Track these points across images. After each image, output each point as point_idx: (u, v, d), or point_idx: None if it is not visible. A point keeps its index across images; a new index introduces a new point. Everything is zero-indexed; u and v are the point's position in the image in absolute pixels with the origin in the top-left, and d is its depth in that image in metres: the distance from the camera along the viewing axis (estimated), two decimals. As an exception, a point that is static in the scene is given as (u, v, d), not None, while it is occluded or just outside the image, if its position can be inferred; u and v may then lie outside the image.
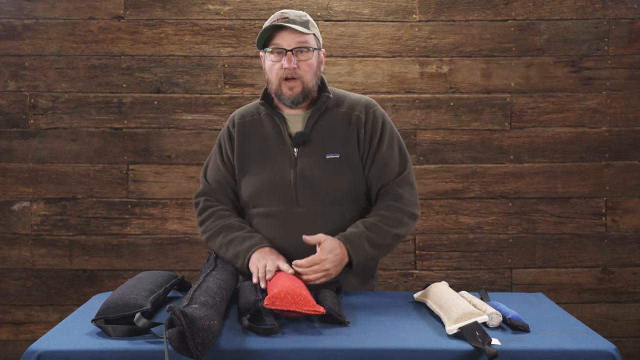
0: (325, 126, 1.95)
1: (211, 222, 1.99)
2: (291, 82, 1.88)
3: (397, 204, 1.92)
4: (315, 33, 1.92)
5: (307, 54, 1.89)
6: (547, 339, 1.43)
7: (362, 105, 1.98)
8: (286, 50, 1.87)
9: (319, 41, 1.95)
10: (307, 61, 1.89)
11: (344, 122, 1.95)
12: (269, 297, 1.52)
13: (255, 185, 1.96)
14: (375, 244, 1.87)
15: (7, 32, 3.01)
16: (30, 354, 1.36)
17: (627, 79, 3.04)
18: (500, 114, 3.04)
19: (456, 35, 3.03)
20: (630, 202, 3.05)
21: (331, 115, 1.96)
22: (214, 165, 2.06)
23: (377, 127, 1.96)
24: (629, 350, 3.04)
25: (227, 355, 1.37)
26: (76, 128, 3.02)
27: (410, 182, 1.97)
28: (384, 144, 1.95)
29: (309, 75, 1.90)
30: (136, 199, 3.03)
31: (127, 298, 1.52)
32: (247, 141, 1.99)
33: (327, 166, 1.91)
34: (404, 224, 1.92)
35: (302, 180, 1.91)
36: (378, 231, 1.87)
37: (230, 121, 2.06)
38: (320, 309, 1.51)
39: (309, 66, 1.90)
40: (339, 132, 1.94)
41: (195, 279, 2.93)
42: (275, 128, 1.97)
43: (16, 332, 3.04)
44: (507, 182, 3.04)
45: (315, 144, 1.93)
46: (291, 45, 1.87)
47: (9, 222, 3.02)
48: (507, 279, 3.05)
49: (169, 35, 3.02)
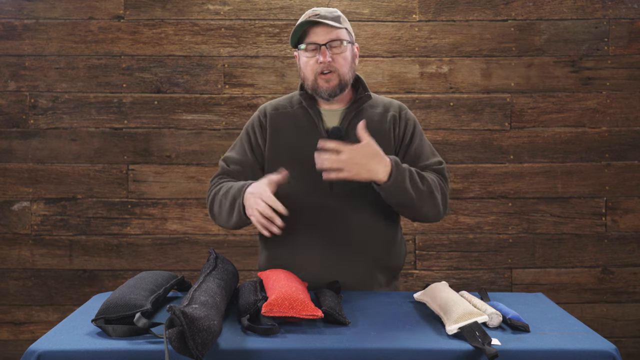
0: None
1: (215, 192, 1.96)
2: (327, 75, 1.90)
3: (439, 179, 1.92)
4: (347, 27, 1.94)
5: (341, 47, 1.91)
6: (547, 339, 1.43)
7: (395, 106, 2.02)
8: (320, 45, 1.89)
9: (351, 35, 1.97)
10: (342, 54, 1.91)
11: (380, 120, 1.97)
12: (266, 305, 1.52)
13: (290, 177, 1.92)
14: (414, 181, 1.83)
15: (7, 32, 3.01)
16: (30, 354, 1.36)
17: (627, 79, 3.04)
18: (500, 114, 3.04)
19: (456, 35, 3.03)
20: (630, 202, 3.05)
21: (367, 114, 1.98)
22: (239, 151, 2.02)
23: (410, 125, 1.99)
24: (629, 350, 3.04)
25: (227, 355, 1.37)
26: (76, 128, 3.02)
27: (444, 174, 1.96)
28: (416, 138, 1.98)
29: (345, 68, 1.92)
30: (136, 199, 3.03)
31: (127, 298, 1.52)
32: (280, 133, 1.98)
33: None
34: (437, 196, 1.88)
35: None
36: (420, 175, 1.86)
37: (260, 112, 2.03)
38: (318, 313, 1.51)
39: (344, 59, 1.92)
40: (375, 129, 1.94)
41: (195, 279, 2.93)
42: (310, 122, 1.97)
43: (16, 332, 3.04)
44: (507, 182, 3.04)
45: (351, 139, 1.91)
46: (324, 40, 1.89)
47: (9, 222, 3.02)
48: (507, 279, 3.05)
49: (169, 35, 3.02)
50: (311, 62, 1.91)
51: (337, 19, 1.92)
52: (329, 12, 1.93)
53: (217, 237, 3.03)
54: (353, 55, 1.97)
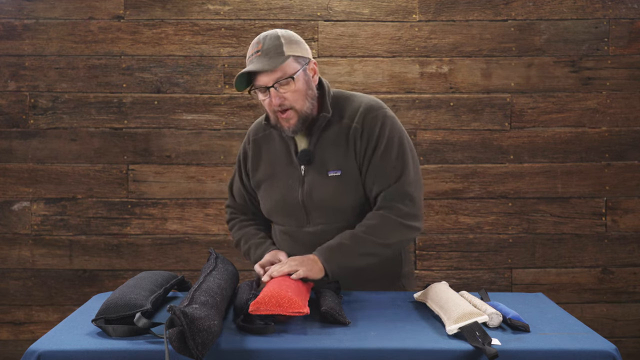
0: (327, 142, 1.88)
1: (235, 231, 2.10)
2: (285, 113, 1.81)
3: (386, 213, 1.83)
4: (294, 53, 1.80)
5: (290, 84, 1.79)
6: (547, 339, 1.43)
7: (360, 113, 1.87)
8: (267, 87, 1.79)
9: (302, 57, 1.82)
10: (292, 90, 1.80)
11: (344, 136, 1.87)
12: (254, 303, 1.52)
13: (270, 205, 1.97)
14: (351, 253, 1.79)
15: (7, 32, 3.01)
16: (30, 354, 1.36)
17: (627, 79, 3.04)
18: (500, 114, 3.04)
19: (456, 35, 3.03)
20: (630, 202, 3.05)
21: (333, 130, 1.88)
22: (236, 182, 2.10)
23: (374, 135, 1.85)
24: (629, 350, 3.04)
25: (227, 355, 1.37)
26: (76, 128, 3.02)
27: (406, 192, 1.84)
28: (379, 151, 1.85)
29: (300, 102, 1.81)
30: (136, 199, 3.03)
31: (127, 298, 1.52)
32: (260, 160, 1.99)
33: (330, 184, 1.86)
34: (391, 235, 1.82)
35: (309, 199, 1.88)
36: (356, 240, 1.80)
37: (246, 138, 2.05)
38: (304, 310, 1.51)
39: (296, 92, 1.80)
40: (340, 148, 1.87)
41: (195, 279, 2.93)
42: (284, 145, 1.94)
43: (16, 332, 3.04)
44: (507, 182, 3.04)
45: (319, 161, 1.88)
46: (269, 82, 1.78)
47: (9, 222, 3.02)
48: (507, 279, 3.05)
49: (169, 35, 3.02)
50: (266, 101, 1.83)
51: (279, 48, 1.78)
52: (272, 43, 1.78)
53: (217, 237, 3.03)
54: (307, 80, 1.83)
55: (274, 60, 1.77)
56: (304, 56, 1.84)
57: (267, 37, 1.80)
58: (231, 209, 2.14)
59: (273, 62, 1.76)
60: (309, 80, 1.85)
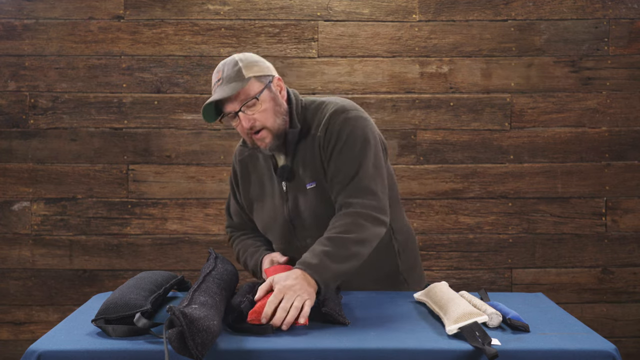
0: (301, 156, 1.87)
1: (235, 246, 2.14)
2: (258, 134, 1.81)
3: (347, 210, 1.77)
4: (254, 74, 1.79)
5: (256, 105, 1.78)
6: (547, 339, 1.43)
7: (325, 121, 1.84)
8: (236, 112, 1.79)
9: (264, 76, 1.81)
10: (259, 110, 1.79)
11: (313, 147, 1.85)
12: (251, 312, 1.52)
13: (262, 224, 2.00)
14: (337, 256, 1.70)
15: (7, 32, 3.01)
16: (30, 354, 1.36)
17: (627, 79, 3.04)
18: (500, 114, 3.04)
19: (456, 35, 3.03)
20: (630, 202, 3.05)
21: (306, 142, 1.87)
22: (232, 203, 2.11)
23: (332, 138, 1.82)
24: (629, 350, 3.04)
25: (227, 355, 1.37)
26: (76, 128, 3.02)
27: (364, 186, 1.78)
28: (336, 151, 1.82)
29: (270, 120, 1.80)
30: (136, 199, 3.03)
31: (127, 298, 1.52)
32: (249, 180, 2.00)
33: (309, 197, 1.85)
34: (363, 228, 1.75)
35: (295, 214, 1.88)
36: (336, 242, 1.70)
37: (234, 158, 2.05)
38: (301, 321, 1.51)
39: (265, 112, 1.79)
40: (313, 160, 1.86)
41: (195, 279, 2.93)
42: (267, 164, 1.94)
43: (16, 332, 3.04)
44: (507, 182, 3.04)
45: (297, 176, 1.87)
46: (236, 107, 1.78)
47: (9, 222, 3.02)
48: (507, 279, 3.05)
49: (169, 35, 3.02)
50: (238, 126, 1.83)
51: (239, 73, 1.78)
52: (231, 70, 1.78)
53: (217, 237, 3.03)
54: (273, 96, 1.82)
55: (235, 85, 1.76)
56: (266, 74, 1.82)
57: (226, 65, 1.81)
58: (230, 228, 2.16)
59: (234, 87, 1.76)
60: (276, 96, 1.83)
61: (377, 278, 1.97)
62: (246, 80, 1.78)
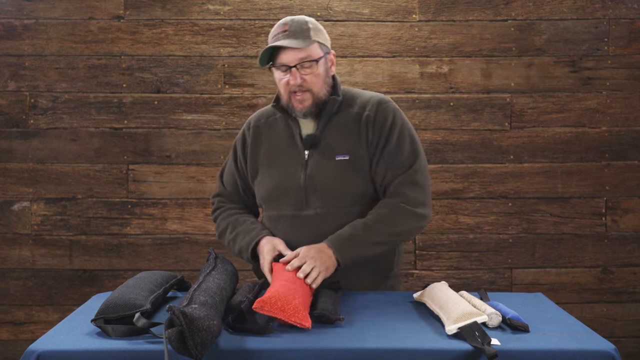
0: (336, 128, 1.93)
1: (221, 220, 2.08)
2: (300, 95, 1.86)
3: (397, 201, 1.88)
4: (319, 40, 1.87)
5: (312, 66, 1.85)
6: (547, 339, 1.43)
7: (373, 103, 1.94)
8: (290, 67, 1.84)
9: (325, 45, 1.90)
10: (313, 73, 1.86)
11: (355, 123, 1.92)
12: (259, 300, 1.52)
13: (267, 188, 1.98)
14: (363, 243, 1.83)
15: (7, 32, 3.01)
16: (30, 354, 1.36)
17: (627, 79, 3.04)
18: (500, 114, 3.04)
19: (456, 35, 3.03)
20: (630, 202, 3.05)
21: (343, 116, 1.94)
22: (229, 170, 2.10)
23: (386, 124, 1.91)
24: (629, 350, 3.04)
25: (227, 355, 1.37)
26: (76, 128, 3.02)
27: (417, 180, 1.90)
28: (392, 140, 1.91)
29: (318, 86, 1.87)
30: (136, 199, 3.03)
31: (127, 298, 1.52)
32: (260, 145, 2.00)
33: (336, 168, 1.90)
34: (403, 223, 1.87)
35: (311, 182, 1.90)
36: (367, 229, 1.84)
37: (247, 124, 2.07)
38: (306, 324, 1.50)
39: (316, 77, 1.86)
40: (350, 134, 1.92)
41: (195, 279, 2.93)
42: (288, 130, 1.97)
43: (16, 332, 3.04)
44: (507, 182, 3.04)
45: (325, 146, 1.92)
46: (294, 61, 1.83)
47: (9, 222, 3.02)
48: (507, 279, 3.05)
49: (169, 35, 3.02)
50: (283, 81, 1.87)
51: (306, 33, 1.84)
52: (299, 26, 1.85)
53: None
54: (327, 67, 1.91)
55: (302, 42, 1.83)
56: (327, 44, 1.91)
57: (295, 20, 1.86)
58: (219, 197, 2.12)
59: (300, 43, 1.82)
60: (328, 68, 1.92)
61: (372, 275, 1.97)
62: (311, 42, 1.84)
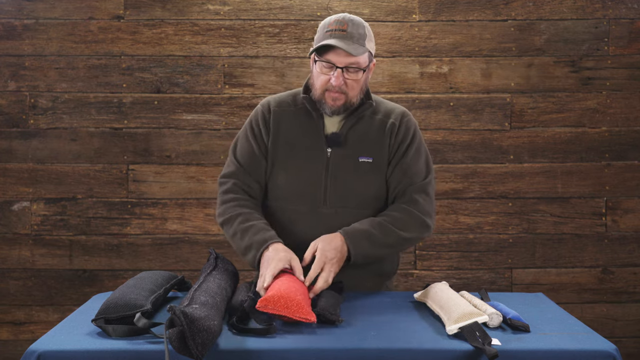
0: (360, 130, 1.94)
1: (231, 207, 1.92)
2: (335, 94, 1.87)
3: (410, 207, 1.91)
4: (370, 48, 1.88)
5: (357, 73, 1.86)
6: (547, 339, 1.43)
7: (397, 113, 1.98)
8: (337, 67, 1.84)
9: (371, 54, 1.90)
10: (356, 79, 1.87)
11: (380, 128, 1.95)
12: (262, 300, 1.52)
13: (285, 181, 1.93)
14: (377, 243, 1.85)
15: (7, 32, 3.01)
16: (30, 354, 1.36)
17: (627, 79, 3.04)
18: (500, 114, 3.04)
19: (456, 35, 3.03)
20: (630, 202, 3.05)
21: (367, 120, 1.95)
22: (246, 145, 1.98)
23: (408, 135, 1.96)
24: (629, 350, 3.04)
25: (227, 355, 1.37)
26: (76, 128, 3.02)
27: (429, 191, 1.95)
28: (411, 150, 1.95)
29: (355, 91, 1.89)
30: (136, 199, 3.03)
31: (127, 298, 1.52)
32: (282, 132, 1.95)
33: (359, 169, 1.92)
34: (412, 229, 1.90)
35: (333, 181, 1.91)
36: (383, 230, 1.86)
37: (264, 106, 1.99)
38: (311, 318, 1.51)
39: (357, 82, 1.88)
40: (374, 138, 1.94)
41: (195, 279, 2.93)
42: (311, 125, 1.94)
43: (16, 332, 3.04)
44: (507, 182, 3.04)
45: (349, 146, 1.92)
46: (343, 63, 1.83)
47: (9, 222, 3.02)
48: (507, 279, 3.05)
49: (169, 35, 3.02)
50: (323, 77, 1.86)
51: (362, 38, 1.84)
52: (357, 30, 1.85)
53: (217, 237, 3.03)
54: (367, 76, 1.92)
55: (358, 48, 1.84)
56: (373, 54, 1.93)
57: (354, 22, 1.86)
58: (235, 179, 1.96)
59: (357, 50, 1.83)
60: (367, 77, 1.94)
61: (374, 276, 1.98)
62: (364, 50, 1.85)
